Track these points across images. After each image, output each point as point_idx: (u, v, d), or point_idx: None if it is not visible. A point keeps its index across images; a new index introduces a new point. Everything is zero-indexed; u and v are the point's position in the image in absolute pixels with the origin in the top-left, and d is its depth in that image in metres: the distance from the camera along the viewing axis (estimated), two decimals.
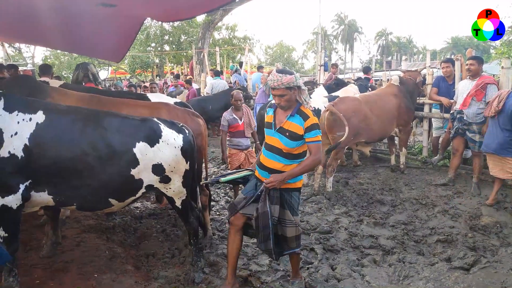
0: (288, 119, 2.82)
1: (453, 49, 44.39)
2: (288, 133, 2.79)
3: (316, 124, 2.78)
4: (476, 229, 4.16)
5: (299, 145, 2.82)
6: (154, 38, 22.52)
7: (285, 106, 2.79)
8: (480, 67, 5.00)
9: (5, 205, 2.48)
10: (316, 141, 2.79)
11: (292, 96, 2.75)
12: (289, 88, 2.70)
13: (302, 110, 2.80)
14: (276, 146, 2.85)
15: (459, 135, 5.16)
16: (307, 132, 2.76)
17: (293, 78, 2.69)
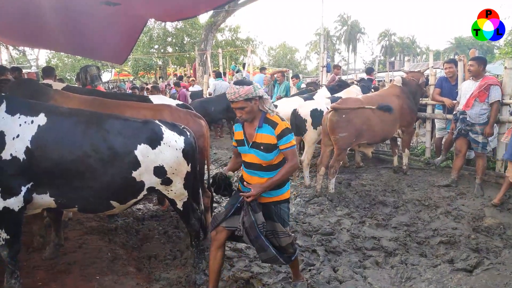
0: (258, 132, 2.70)
1: (456, 49, 44.23)
2: (263, 146, 2.68)
3: (286, 129, 2.68)
4: (479, 231, 4.14)
5: (277, 154, 2.74)
6: (157, 40, 22.60)
7: (248, 118, 2.68)
8: (481, 68, 4.98)
9: (7, 207, 2.49)
10: (290, 147, 2.69)
11: (253, 107, 2.65)
12: (248, 99, 2.60)
13: (269, 119, 2.70)
14: (255, 162, 2.75)
15: (462, 135, 5.14)
16: (279, 140, 2.66)
17: (251, 89, 2.58)
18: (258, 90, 2.62)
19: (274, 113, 2.72)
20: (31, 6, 4.96)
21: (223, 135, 10.71)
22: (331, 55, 49.52)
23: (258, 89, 2.64)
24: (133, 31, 6.35)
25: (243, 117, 2.67)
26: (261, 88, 2.67)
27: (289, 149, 2.69)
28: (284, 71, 10.47)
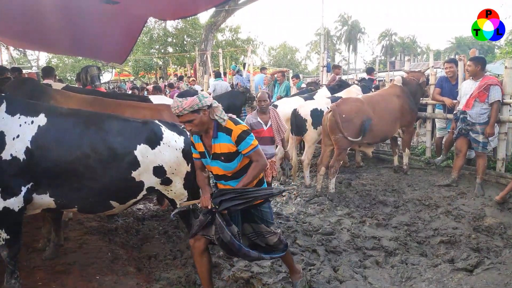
0: (215, 142, 2.58)
1: (457, 49, 44.18)
2: (223, 157, 2.57)
3: (243, 131, 2.55)
4: (479, 230, 4.14)
5: (241, 160, 2.63)
6: (157, 40, 22.61)
7: (198, 130, 2.53)
8: (478, 68, 4.97)
9: (7, 207, 2.50)
10: (252, 149, 2.58)
11: (202, 118, 2.48)
12: (195, 111, 2.44)
13: (222, 126, 2.57)
14: (221, 174, 2.66)
15: (462, 135, 5.14)
16: (238, 145, 2.55)
17: (195, 100, 2.42)
18: (204, 100, 2.46)
19: (225, 121, 2.57)
20: (32, 7, 4.97)
21: None
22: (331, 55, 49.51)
23: (204, 99, 2.48)
24: (133, 30, 6.34)
25: (194, 130, 2.51)
26: (208, 97, 2.53)
27: (252, 152, 2.58)
28: (284, 71, 10.46)
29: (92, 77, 6.78)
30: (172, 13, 5.82)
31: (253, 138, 2.61)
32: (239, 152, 2.58)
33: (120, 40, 6.75)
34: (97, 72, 7.31)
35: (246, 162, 2.65)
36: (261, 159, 2.62)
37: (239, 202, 2.50)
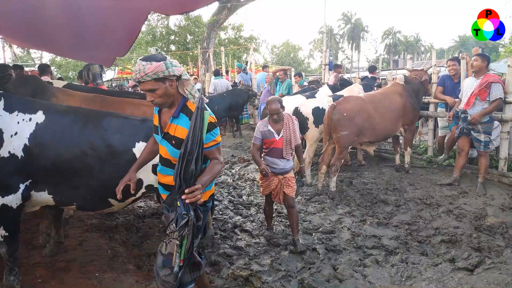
0: (173, 122, 2.19)
1: (461, 47, 43.98)
2: (174, 141, 2.18)
3: (209, 123, 2.14)
4: (481, 230, 4.11)
5: None
6: (160, 38, 22.61)
7: (161, 103, 2.16)
8: (484, 64, 4.94)
9: (5, 205, 2.50)
10: (214, 145, 2.21)
11: (168, 90, 2.11)
12: (159, 79, 2.06)
13: (188, 108, 2.18)
14: (165, 157, 2.28)
15: (464, 134, 5.10)
16: None
17: (161, 66, 2.04)
18: (172, 68, 2.08)
19: (196, 98, 2.15)
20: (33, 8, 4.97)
21: (225, 133, 10.71)
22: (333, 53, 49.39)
23: (173, 67, 2.09)
24: (135, 23, 6.32)
25: (156, 102, 2.15)
26: (178, 66, 2.14)
27: (214, 148, 2.22)
28: (286, 69, 10.44)
29: (94, 75, 6.78)
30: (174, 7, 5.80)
31: (218, 133, 2.27)
32: None
33: (123, 35, 6.72)
34: (100, 70, 7.31)
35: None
36: (220, 158, 2.28)
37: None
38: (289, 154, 3.86)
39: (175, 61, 2.14)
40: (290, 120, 3.86)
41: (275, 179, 3.87)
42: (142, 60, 2.07)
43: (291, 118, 3.90)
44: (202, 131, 2.07)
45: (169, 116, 2.22)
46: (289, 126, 3.82)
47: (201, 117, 2.07)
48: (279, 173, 3.86)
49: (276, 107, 3.71)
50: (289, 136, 3.82)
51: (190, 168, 2.04)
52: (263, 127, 3.82)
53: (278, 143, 3.80)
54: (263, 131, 3.81)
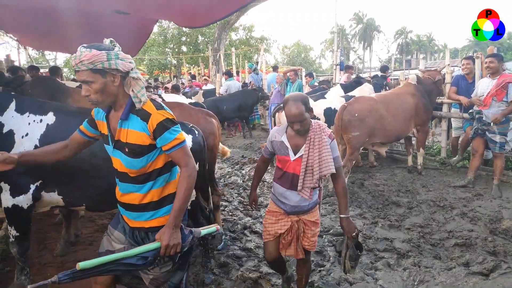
0: (122, 126, 1.83)
1: (475, 47, 43.29)
2: (128, 148, 1.83)
3: (166, 120, 1.81)
4: (496, 233, 4.01)
5: (154, 159, 1.88)
6: (172, 39, 22.78)
7: (98, 101, 1.77)
8: (500, 65, 4.84)
9: (16, 205, 2.52)
10: (178, 145, 1.83)
11: (107, 86, 1.74)
12: (96, 71, 1.70)
13: (139, 107, 1.82)
14: (120, 171, 1.91)
15: (478, 135, 5.00)
16: (157, 137, 1.80)
17: (100, 55, 1.67)
18: (115, 61, 1.71)
19: (142, 102, 1.80)
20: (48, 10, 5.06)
21: (236, 134, 10.71)
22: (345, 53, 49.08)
23: (118, 60, 1.73)
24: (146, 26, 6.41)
25: (91, 98, 1.76)
26: (126, 61, 1.77)
27: (177, 149, 1.83)
28: (297, 70, 10.40)
29: None
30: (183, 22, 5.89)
31: (180, 130, 1.88)
32: (155, 148, 1.86)
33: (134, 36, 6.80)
34: None
35: (160, 165, 1.92)
36: (190, 161, 1.86)
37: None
38: (307, 190, 2.41)
39: (126, 56, 1.78)
40: (319, 134, 2.39)
41: (286, 219, 2.54)
42: (82, 46, 1.71)
43: (322, 130, 2.41)
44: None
45: (117, 121, 1.84)
46: (316, 144, 2.36)
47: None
48: (291, 212, 2.50)
49: (297, 110, 2.27)
50: (313, 160, 2.36)
51: None
52: (276, 135, 2.50)
53: (293, 167, 2.42)
54: (274, 142, 2.50)
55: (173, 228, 1.80)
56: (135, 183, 1.89)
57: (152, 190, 1.91)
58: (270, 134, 2.58)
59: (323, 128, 2.42)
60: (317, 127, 2.40)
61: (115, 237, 2.02)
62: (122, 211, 2.00)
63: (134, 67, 1.83)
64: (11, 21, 6.17)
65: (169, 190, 1.97)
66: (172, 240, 1.78)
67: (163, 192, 1.95)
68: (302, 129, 2.33)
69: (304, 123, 2.31)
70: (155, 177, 1.91)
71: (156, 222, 1.92)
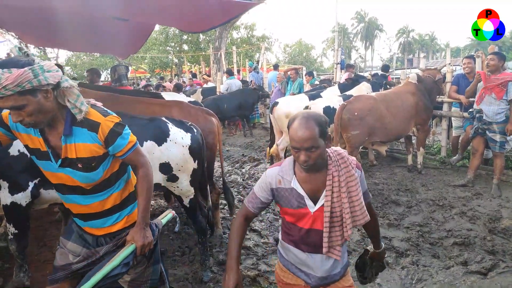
0: (67, 142, 1.68)
1: (477, 46, 43.17)
2: (81, 163, 1.70)
3: (116, 125, 1.72)
4: (495, 232, 4.01)
5: (109, 165, 1.80)
6: (173, 37, 22.79)
7: (36, 122, 1.59)
8: (501, 63, 4.83)
9: (15, 202, 2.53)
10: (132, 148, 1.78)
11: (42, 105, 1.56)
12: (26, 92, 1.51)
13: (82, 118, 1.67)
14: (72, 185, 1.78)
15: (479, 134, 5.00)
16: (110, 145, 1.72)
17: (26, 74, 1.48)
18: (44, 75, 1.52)
19: (83, 112, 1.66)
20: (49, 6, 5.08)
21: (236, 133, 10.71)
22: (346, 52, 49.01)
23: (46, 73, 1.53)
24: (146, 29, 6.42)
25: (27, 122, 1.58)
26: (53, 71, 1.57)
27: (131, 152, 1.78)
28: (297, 68, 10.40)
29: (120, 76, 6.86)
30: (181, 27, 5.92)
31: (130, 131, 1.81)
32: (108, 155, 1.77)
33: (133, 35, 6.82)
34: (125, 71, 7.41)
35: (117, 168, 1.85)
36: (145, 160, 1.86)
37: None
38: (337, 249, 1.73)
39: (50, 65, 1.59)
40: (344, 168, 1.70)
41: None
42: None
43: (346, 162, 1.71)
44: None
45: (58, 137, 1.69)
46: (343, 184, 1.67)
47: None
48: (320, 285, 1.79)
49: (306, 132, 1.57)
50: (342, 207, 1.67)
51: None
52: (279, 179, 1.73)
53: (313, 220, 1.71)
54: (280, 189, 1.73)
55: (144, 228, 1.81)
56: (93, 193, 1.81)
57: (114, 194, 1.87)
58: (267, 176, 1.75)
59: (347, 157, 1.71)
60: (338, 158, 1.70)
61: (68, 249, 1.91)
62: (82, 223, 1.89)
63: (63, 75, 1.64)
64: (12, 19, 6.19)
65: (129, 189, 1.96)
66: (145, 239, 1.79)
67: (123, 193, 1.92)
68: (311, 162, 1.59)
69: (314, 154, 1.57)
70: (114, 181, 1.86)
71: (122, 224, 1.91)
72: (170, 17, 5.11)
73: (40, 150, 1.74)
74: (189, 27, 5.76)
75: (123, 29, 6.42)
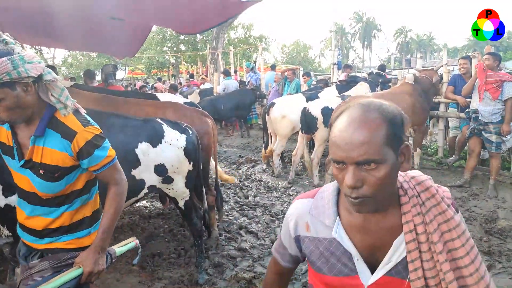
0: (36, 143, 1.52)
1: (474, 46, 43.31)
2: (43, 170, 1.54)
3: (95, 137, 1.55)
4: (491, 233, 4.01)
5: (74, 179, 1.62)
6: (170, 37, 22.76)
7: (13, 118, 1.48)
8: (496, 64, 4.84)
9: (8, 205, 2.51)
10: (109, 163, 1.60)
11: (21, 99, 1.44)
12: (4, 85, 1.38)
13: (59, 121, 1.53)
14: (28, 190, 1.61)
15: (475, 135, 5.00)
16: (83, 158, 1.55)
17: (5, 64, 1.34)
18: (24, 66, 1.39)
19: (69, 111, 1.54)
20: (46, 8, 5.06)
21: (233, 133, 10.70)
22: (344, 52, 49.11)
23: (26, 64, 1.40)
24: (143, 31, 6.41)
25: (3, 118, 1.46)
26: (35, 62, 1.43)
27: (108, 167, 1.61)
28: (295, 69, 10.39)
29: (106, 75, 6.84)
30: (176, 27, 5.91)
31: (109, 144, 1.63)
32: (76, 169, 1.60)
33: (130, 37, 6.80)
34: (112, 70, 7.38)
35: (80, 186, 1.65)
36: (122, 177, 1.68)
37: None
38: None
39: (32, 55, 1.45)
40: (434, 205, 1.01)
41: None
42: None
43: (434, 196, 1.02)
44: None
45: (28, 135, 1.53)
46: (435, 235, 0.98)
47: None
48: None
49: (364, 134, 0.90)
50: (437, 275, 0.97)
51: None
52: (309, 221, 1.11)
53: None
54: (310, 239, 1.11)
55: (100, 252, 1.59)
56: (46, 206, 1.61)
57: (65, 213, 1.64)
58: (289, 215, 1.16)
59: (434, 188, 1.04)
60: (418, 190, 1.04)
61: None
62: (22, 234, 1.73)
63: (45, 67, 1.49)
64: (7, 19, 6.16)
65: (84, 213, 1.71)
66: (97, 266, 1.56)
67: (76, 215, 1.67)
68: (368, 192, 0.93)
69: (374, 175, 0.91)
70: (72, 199, 1.64)
71: (66, 244, 1.65)
72: (166, 18, 5.11)
73: (6, 144, 1.59)
74: (185, 28, 5.75)
75: (120, 29, 6.41)
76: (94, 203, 1.77)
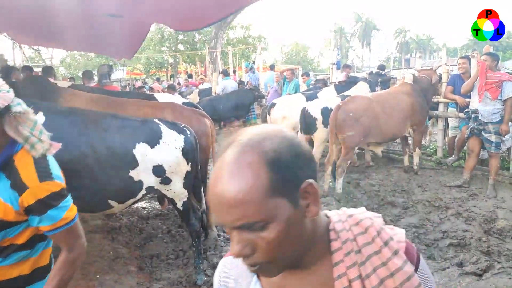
0: None
1: (474, 46, 43.34)
2: None
3: (52, 195, 1.32)
4: (491, 233, 4.00)
5: (15, 234, 1.36)
6: (168, 37, 22.72)
7: None
8: (494, 64, 4.84)
9: None
10: (66, 225, 1.37)
11: None
12: None
13: (14, 167, 1.30)
14: None
15: (474, 135, 4.99)
16: (37, 217, 1.31)
17: None
18: None
19: (44, 145, 1.36)
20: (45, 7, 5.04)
21: None
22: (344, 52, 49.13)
23: None
24: (141, 30, 6.39)
25: None
26: (2, 91, 1.25)
27: (63, 230, 1.36)
28: (294, 69, 10.38)
29: (100, 75, 6.83)
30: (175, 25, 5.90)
31: (70, 203, 1.40)
32: (19, 224, 1.35)
33: (128, 38, 6.79)
34: (107, 71, 7.36)
35: (21, 242, 1.39)
36: (78, 243, 1.44)
37: None
38: None
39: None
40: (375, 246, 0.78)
41: None
42: None
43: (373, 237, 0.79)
44: None
45: None
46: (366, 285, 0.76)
47: None
48: None
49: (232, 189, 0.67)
50: None
51: None
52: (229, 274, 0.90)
53: None
54: None
55: None
56: None
57: (8, 265, 1.38)
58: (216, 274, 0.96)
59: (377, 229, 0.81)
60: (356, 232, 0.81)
61: None
62: None
63: (14, 98, 1.29)
64: (5, 19, 6.14)
65: (22, 270, 1.42)
66: None
67: (9, 271, 1.39)
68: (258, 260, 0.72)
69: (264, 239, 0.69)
70: (7, 254, 1.36)
71: None
72: (164, 14, 5.08)
73: None
74: (183, 25, 5.72)
75: (119, 29, 6.39)
76: (37, 260, 1.48)
